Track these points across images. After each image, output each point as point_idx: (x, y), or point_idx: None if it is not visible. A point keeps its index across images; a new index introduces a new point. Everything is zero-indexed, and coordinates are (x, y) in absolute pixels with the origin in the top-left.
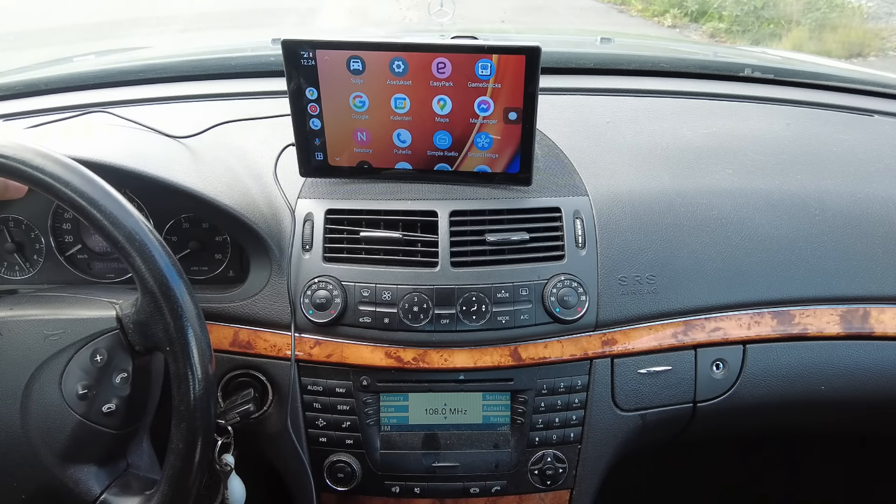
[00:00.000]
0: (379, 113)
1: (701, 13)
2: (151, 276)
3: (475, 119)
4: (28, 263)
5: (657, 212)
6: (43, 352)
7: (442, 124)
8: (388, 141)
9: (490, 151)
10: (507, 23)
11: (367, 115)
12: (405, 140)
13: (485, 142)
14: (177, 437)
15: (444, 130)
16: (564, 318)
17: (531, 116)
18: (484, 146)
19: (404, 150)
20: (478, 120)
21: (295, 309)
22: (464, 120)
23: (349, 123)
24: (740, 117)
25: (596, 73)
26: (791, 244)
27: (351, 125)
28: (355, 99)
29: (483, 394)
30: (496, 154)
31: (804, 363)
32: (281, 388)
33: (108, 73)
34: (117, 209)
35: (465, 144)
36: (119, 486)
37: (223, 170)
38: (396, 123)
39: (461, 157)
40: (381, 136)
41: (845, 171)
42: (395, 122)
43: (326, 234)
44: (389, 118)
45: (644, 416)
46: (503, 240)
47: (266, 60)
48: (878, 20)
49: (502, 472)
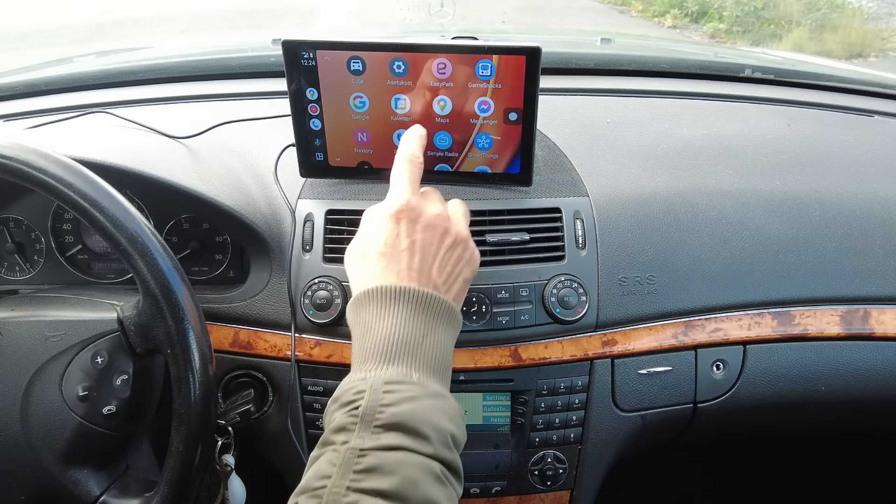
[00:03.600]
0: (379, 113)
1: (701, 14)
2: (153, 279)
3: (475, 119)
4: (28, 264)
5: (657, 212)
6: (44, 353)
7: (442, 125)
8: (388, 141)
9: (490, 152)
10: (507, 23)
11: (367, 116)
12: None
13: (485, 142)
14: (177, 439)
15: (444, 131)
16: (565, 319)
17: (531, 117)
18: (484, 146)
19: None
20: (478, 120)
21: (295, 309)
22: (464, 120)
23: (349, 124)
24: (741, 118)
25: (596, 74)
26: (791, 245)
27: (351, 125)
28: (355, 99)
29: (483, 394)
30: (496, 154)
31: (804, 364)
32: (281, 389)
33: (108, 74)
34: (119, 211)
35: (466, 145)
36: (118, 488)
37: (223, 170)
38: (397, 124)
39: (461, 157)
40: (381, 136)
41: (846, 172)
42: (396, 123)
43: (327, 234)
44: (390, 119)
45: (644, 416)
46: (503, 240)
47: (266, 61)
48: (878, 21)
49: (502, 472)
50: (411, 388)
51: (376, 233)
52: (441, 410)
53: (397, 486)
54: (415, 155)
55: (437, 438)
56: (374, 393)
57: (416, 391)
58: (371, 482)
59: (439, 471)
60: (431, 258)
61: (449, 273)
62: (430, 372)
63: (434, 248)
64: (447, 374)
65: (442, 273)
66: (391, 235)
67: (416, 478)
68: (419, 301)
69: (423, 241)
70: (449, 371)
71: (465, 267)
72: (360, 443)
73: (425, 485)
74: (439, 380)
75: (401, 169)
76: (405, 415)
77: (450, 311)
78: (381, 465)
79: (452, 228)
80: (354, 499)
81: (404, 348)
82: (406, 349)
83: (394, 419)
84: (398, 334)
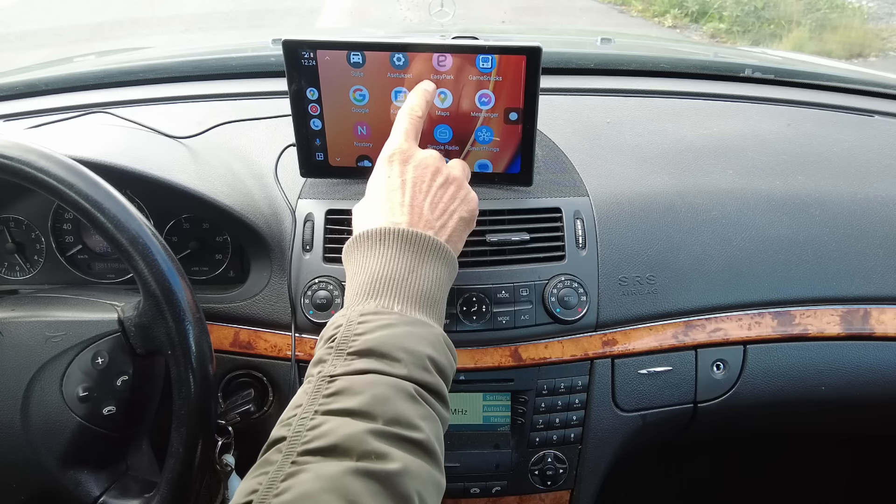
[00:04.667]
0: (379, 107)
1: (701, 14)
2: (154, 280)
3: (476, 113)
4: (28, 264)
5: (658, 212)
6: (44, 353)
7: (443, 118)
8: (388, 135)
9: (492, 145)
10: (507, 23)
11: (367, 109)
12: None
13: (486, 136)
14: (177, 440)
15: (444, 124)
16: (565, 319)
17: (532, 117)
18: (485, 140)
19: None
20: (479, 114)
21: (295, 309)
22: (465, 114)
23: (349, 118)
24: (741, 118)
25: (596, 74)
26: (791, 244)
27: (351, 119)
28: (355, 92)
29: (483, 394)
30: (497, 148)
31: (805, 363)
32: (281, 389)
33: (108, 74)
34: (120, 212)
35: (467, 139)
36: (118, 489)
37: (224, 170)
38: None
39: (463, 152)
40: (381, 130)
41: (846, 172)
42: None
43: (327, 234)
44: (390, 112)
45: (644, 416)
46: (503, 240)
47: (266, 61)
48: (878, 21)
49: (503, 472)
50: (388, 317)
51: (373, 180)
52: (419, 336)
53: (364, 404)
54: (415, 109)
55: (411, 360)
56: (350, 324)
57: (392, 319)
58: (339, 403)
59: (412, 390)
60: (423, 195)
61: (443, 210)
62: (414, 304)
63: (426, 186)
64: (436, 307)
65: (435, 209)
66: (383, 176)
67: (385, 395)
68: (405, 239)
69: (414, 178)
70: (440, 306)
71: (460, 205)
72: (332, 370)
73: (395, 401)
74: (425, 311)
75: (400, 120)
76: (377, 340)
77: (438, 248)
78: (350, 386)
79: (444, 169)
80: (321, 420)
81: (387, 284)
82: (389, 285)
83: (366, 345)
84: (382, 272)
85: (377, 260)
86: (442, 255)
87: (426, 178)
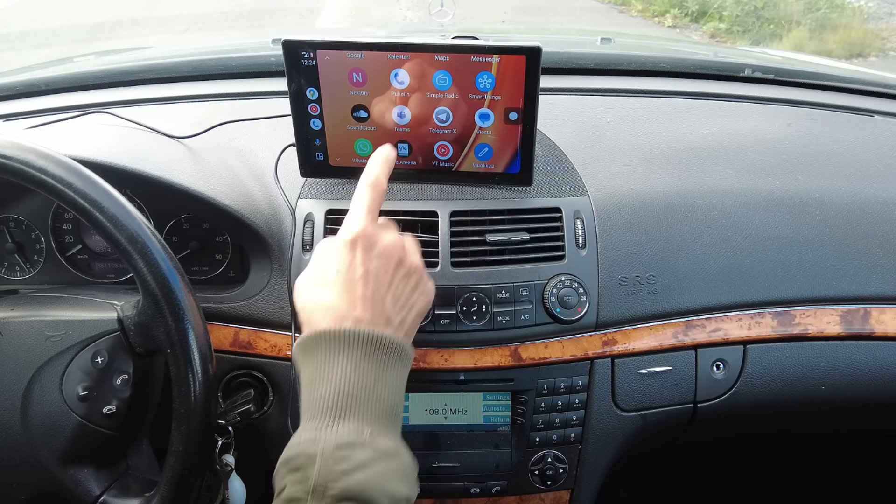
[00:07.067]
0: (380, 122)
1: (701, 13)
2: (153, 279)
3: (475, 128)
4: (28, 264)
5: (658, 212)
6: (44, 353)
7: (442, 135)
8: (388, 135)
9: (490, 161)
10: (507, 23)
11: (369, 126)
12: (403, 151)
13: (485, 151)
14: (177, 439)
15: (443, 141)
16: (565, 319)
17: (532, 117)
18: (485, 156)
19: (404, 134)
20: (477, 130)
21: (295, 309)
22: (464, 113)
23: (349, 117)
24: (741, 117)
25: (596, 74)
26: (791, 244)
27: (351, 119)
28: (356, 110)
29: (483, 394)
30: (495, 162)
31: (805, 363)
32: (281, 389)
33: (108, 74)
34: (120, 211)
35: (467, 139)
36: (118, 488)
37: (223, 170)
38: (398, 135)
39: (463, 153)
40: (381, 129)
41: (846, 172)
42: (398, 134)
43: (327, 234)
44: (389, 112)
45: (644, 416)
46: (503, 240)
47: (266, 61)
48: (878, 20)
49: (503, 472)
50: (363, 452)
51: (330, 261)
52: (394, 473)
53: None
54: (378, 180)
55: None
56: (326, 461)
57: (368, 455)
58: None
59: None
60: (385, 287)
61: (403, 303)
62: (382, 422)
63: (389, 277)
64: (398, 419)
65: (396, 303)
66: (345, 263)
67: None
68: (370, 344)
69: (377, 268)
70: (400, 415)
71: (419, 297)
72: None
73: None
74: (391, 430)
75: (361, 195)
76: (360, 484)
77: (401, 351)
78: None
79: (407, 259)
80: None
81: (355, 399)
82: (357, 400)
83: (348, 492)
84: (348, 384)
85: (341, 367)
86: (404, 357)
87: (390, 268)
